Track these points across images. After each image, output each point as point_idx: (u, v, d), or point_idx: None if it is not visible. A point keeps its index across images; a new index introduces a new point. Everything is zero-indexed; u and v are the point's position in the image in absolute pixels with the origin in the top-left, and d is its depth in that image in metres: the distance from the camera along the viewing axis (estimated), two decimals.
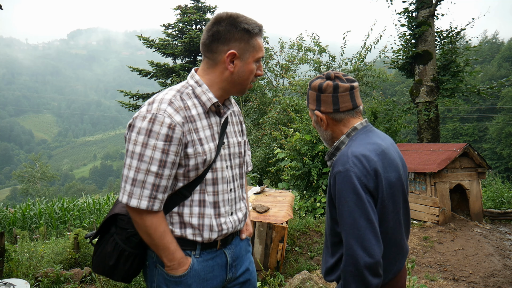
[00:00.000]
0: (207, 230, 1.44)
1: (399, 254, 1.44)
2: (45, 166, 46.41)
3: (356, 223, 1.28)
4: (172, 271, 1.40)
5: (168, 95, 1.39)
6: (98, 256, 1.46)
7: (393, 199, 1.37)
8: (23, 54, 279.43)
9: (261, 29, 1.44)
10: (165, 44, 19.54)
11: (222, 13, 1.41)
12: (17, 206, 11.33)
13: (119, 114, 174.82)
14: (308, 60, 11.22)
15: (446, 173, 5.03)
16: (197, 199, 1.43)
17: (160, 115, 1.31)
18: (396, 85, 36.98)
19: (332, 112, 1.45)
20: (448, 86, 8.61)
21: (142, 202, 1.31)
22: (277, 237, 3.81)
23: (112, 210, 1.49)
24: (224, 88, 1.46)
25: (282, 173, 7.70)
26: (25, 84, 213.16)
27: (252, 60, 1.43)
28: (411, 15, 9.10)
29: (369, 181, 1.31)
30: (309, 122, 7.25)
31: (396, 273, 1.45)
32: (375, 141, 1.42)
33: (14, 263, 4.06)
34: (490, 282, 3.52)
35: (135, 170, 1.30)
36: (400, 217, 1.42)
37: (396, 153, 1.48)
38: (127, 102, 18.98)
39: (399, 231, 1.42)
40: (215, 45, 1.40)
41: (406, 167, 1.56)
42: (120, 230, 1.44)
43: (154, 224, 1.35)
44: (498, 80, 9.56)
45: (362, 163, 1.32)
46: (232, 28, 1.38)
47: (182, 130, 1.33)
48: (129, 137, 1.33)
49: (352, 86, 1.45)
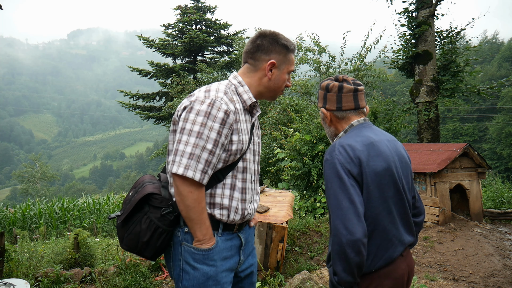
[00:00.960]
0: (233, 211, 1.61)
1: (390, 242, 1.49)
2: (45, 166, 46.41)
3: (339, 204, 1.40)
4: (202, 245, 1.54)
5: (221, 86, 1.60)
6: (130, 233, 1.57)
7: (379, 187, 1.46)
8: (23, 54, 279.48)
9: (295, 47, 1.71)
10: (165, 44, 19.53)
11: (266, 30, 1.69)
12: (17, 206, 11.33)
13: (119, 114, 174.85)
14: (308, 60, 11.20)
15: (446, 173, 5.03)
16: (229, 183, 1.60)
17: (218, 101, 1.51)
18: (396, 85, 36.98)
19: (336, 110, 1.61)
20: (448, 86, 8.61)
21: (196, 174, 1.47)
22: (277, 237, 3.81)
23: (143, 191, 1.60)
24: (259, 91, 1.69)
25: (282, 173, 7.70)
26: (25, 84, 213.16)
27: (286, 71, 1.68)
28: (411, 15, 9.10)
29: (352, 168, 1.44)
30: (309, 122, 7.26)
31: (389, 260, 1.48)
32: (366, 134, 1.54)
33: (14, 263, 4.07)
34: (490, 282, 3.52)
35: (193, 145, 1.47)
36: (391, 206, 1.49)
37: (392, 148, 1.57)
38: (127, 102, 18.98)
39: (388, 219, 1.49)
40: (258, 54, 1.65)
41: (408, 164, 1.63)
42: (153, 209, 1.56)
43: (199, 198, 1.50)
44: (498, 80, 9.56)
45: (346, 151, 1.46)
46: (274, 42, 1.65)
47: (234, 118, 1.54)
48: (186, 117, 1.50)
49: (357, 88, 1.60)
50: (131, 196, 1.66)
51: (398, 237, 1.52)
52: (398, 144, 1.65)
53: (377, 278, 1.48)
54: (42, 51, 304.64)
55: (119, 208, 10.75)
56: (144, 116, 19.16)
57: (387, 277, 1.49)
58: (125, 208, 1.62)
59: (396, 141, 1.65)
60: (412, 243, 1.63)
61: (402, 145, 1.70)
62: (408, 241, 1.57)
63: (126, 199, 1.69)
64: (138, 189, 1.65)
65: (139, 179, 1.74)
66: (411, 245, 1.63)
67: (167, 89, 18.87)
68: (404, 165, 1.60)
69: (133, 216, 1.59)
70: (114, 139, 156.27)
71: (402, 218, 1.55)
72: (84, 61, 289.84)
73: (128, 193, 1.72)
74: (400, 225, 1.54)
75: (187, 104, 1.53)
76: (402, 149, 1.66)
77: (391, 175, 1.50)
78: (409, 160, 1.67)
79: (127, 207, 1.61)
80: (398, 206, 1.53)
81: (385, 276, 1.48)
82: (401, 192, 1.53)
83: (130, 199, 1.65)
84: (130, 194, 1.68)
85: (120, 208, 1.72)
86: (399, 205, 1.53)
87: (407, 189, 1.58)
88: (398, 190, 1.52)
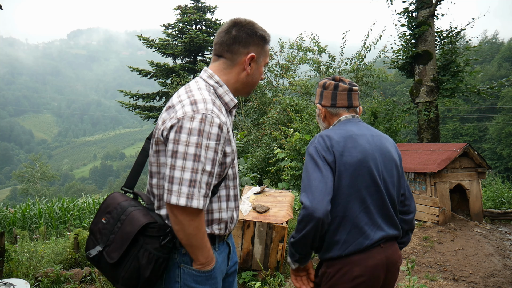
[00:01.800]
0: (230, 222, 1.54)
1: (361, 230, 1.55)
2: (45, 166, 46.33)
3: (310, 182, 1.51)
4: (205, 267, 1.45)
5: (205, 94, 1.42)
6: (128, 271, 1.37)
7: (352, 176, 1.54)
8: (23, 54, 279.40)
9: (270, 38, 1.60)
10: (165, 44, 19.53)
11: (241, 19, 1.53)
12: (17, 206, 11.31)
13: (119, 114, 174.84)
14: (307, 60, 11.21)
15: (446, 173, 5.02)
16: (224, 194, 1.51)
17: (210, 116, 1.34)
18: (396, 85, 36.97)
19: (330, 106, 1.73)
20: (448, 86, 8.60)
21: (200, 202, 1.33)
22: (277, 237, 3.81)
23: (135, 221, 1.38)
24: (236, 88, 1.56)
25: (282, 173, 7.70)
26: (25, 84, 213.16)
27: (263, 63, 1.59)
28: (411, 15, 9.10)
29: (327, 155, 1.55)
30: (309, 122, 7.26)
31: (359, 247, 1.54)
32: (348, 128, 1.64)
33: (14, 263, 4.06)
34: (490, 282, 3.52)
35: (191, 171, 1.31)
36: (364, 196, 1.56)
37: (374, 142, 1.64)
38: (127, 102, 18.98)
39: (360, 207, 1.55)
40: (236, 47, 1.49)
41: (393, 159, 1.68)
42: (149, 239, 1.37)
43: (201, 224, 1.38)
44: (498, 80, 9.56)
45: (324, 141, 1.58)
46: (252, 33, 1.51)
47: (226, 129, 1.40)
48: (176, 138, 1.32)
49: (351, 88, 1.72)
50: (113, 226, 1.40)
51: (372, 226, 1.56)
52: (387, 141, 1.71)
53: (347, 263, 1.54)
54: (42, 51, 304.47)
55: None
56: (144, 116, 19.16)
57: (357, 264, 1.53)
58: (113, 243, 1.39)
59: (383, 137, 1.71)
60: (396, 236, 1.65)
61: (393, 143, 1.75)
62: (387, 233, 1.59)
63: (102, 227, 1.43)
64: (120, 216, 1.41)
65: (111, 200, 1.48)
66: (395, 238, 1.65)
67: (167, 89, 18.88)
68: (387, 160, 1.65)
69: (127, 253, 1.37)
70: (114, 139, 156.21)
71: (379, 209, 1.59)
72: (84, 61, 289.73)
73: (98, 218, 1.46)
74: (377, 216, 1.58)
75: (175, 123, 1.33)
76: (391, 145, 1.71)
77: (367, 167, 1.56)
78: (398, 157, 1.72)
79: (119, 243, 1.37)
80: (374, 198, 1.58)
81: (355, 263, 1.53)
82: (378, 184, 1.58)
83: (111, 229, 1.40)
84: (106, 221, 1.43)
85: (90, 236, 1.51)
86: (376, 197, 1.58)
87: (389, 183, 1.63)
88: (374, 181, 1.58)
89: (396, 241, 1.69)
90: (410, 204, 1.74)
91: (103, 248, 1.41)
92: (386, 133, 8.03)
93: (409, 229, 1.75)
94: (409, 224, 1.73)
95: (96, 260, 1.43)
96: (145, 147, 1.56)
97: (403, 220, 1.72)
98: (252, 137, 11.07)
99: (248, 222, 3.86)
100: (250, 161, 8.91)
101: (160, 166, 1.44)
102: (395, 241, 1.67)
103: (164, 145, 1.40)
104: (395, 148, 1.74)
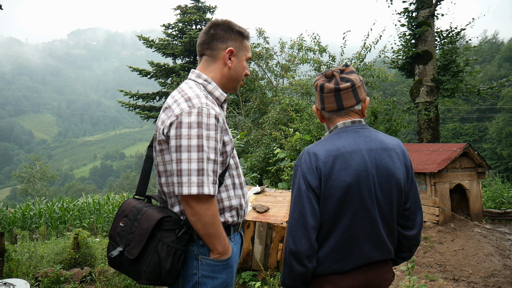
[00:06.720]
0: (241, 209, 1.61)
1: (341, 256, 1.46)
2: (45, 166, 46.36)
3: (292, 213, 1.44)
4: (223, 256, 1.51)
5: (198, 91, 1.51)
6: (149, 265, 1.43)
7: (337, 203, 1.41)
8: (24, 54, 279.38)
9: (248, 34, 1.68)
10: (165, 44, 19.52)
11: (218, 19, 1.64)
12: (17, 206, 11.31)
13: (119, 114, 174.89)
14: (308, 60, 11.21)
15: (446, 173, 5.02)
16: (230, 183, 1.58)
17: (205, 108, 1.43)
18: (396, 85, 36.96)
19: (321, 109, 1.58)
20: (448, 86, 8.61)
21: (211, 188, 1.40)
22: (277, 237, 3.81)
23: (151, 217, 1.45)
24: (223, 84, 1.64)
25: (282, 173, 7.70)
26: (25, 84, 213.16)
27: (245, 58, 1.65)
28: (411, 15, 9.10)
29: (312, 179, 1.42)
30: (309, 122, 7.26)
31: (338, 271, 1.46)
32: (339, 144, 1.45)
33: (14, 263, 4.06)
34: (490, 282, 3.52)
35: (197, 161, 1.39)
36: (350, 224, 1.43)
37: (372, 159, 1.44)
38: (127, 102, 18.97)
39: (345, 233, 1.44)
40: (214, 43, 1.60)
41: (394, 176, 1.47)
42: (166, 233, 1.45)
43: (215, 212, 1.44)
44: (498, 80, 9.56)
45: (310, 160, 1.44)
46: (228, 30, 1.61)
47: (222, 119, 1.48)
48: (178, 134, 1.40)
49: (338, 88, 1.47)
50: (131, 227, 1.48)
51: (356, 253, 1.46)
52: (389, 154, 1.48)
53: (321, 281, 1.49)
54: (42, 51, 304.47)
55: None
56: (144, 116, 19.15)
57: (332, 283, 1.47)
58: (132, 241, 1.46)
59: (385, 150, 1.48)
60: (384, 259, 1.54)
61: (399, 152, 1.51)
62: (373, 258, 1.49)
63: (121, 230, 1.51)
64: (136, 216, 1.49)
65: (126, 205, 1.57)
66: (383, 261, 1.55)
67: (167, 89, 18.87)
68: (385, 178, 1.45)
69: (146, 247, 1.45)
70: (114, 139, 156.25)
71: (367, 236, 1.46)
72: (84, 61, 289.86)
73: (116, 223, 1.54)
74: (364, 242, 1.46)
75: (174, 120, 1.41)
76: (395, 157, 1.49)
77: (356, 192, 1.41)
78: (402, 171, 1.50)
79: (138, 239, 1.45)
80: (362, 224, 1.44)
81: (330, 281, 1.47)
82: (368, 209, 1.43)
83: (130, 230, 1.48)
84: (124, 224, 1.51)
85: (110, 242, 1.58)
86: (364, 223, 1.44)
87: (385, 204, 1.46)
88: (364, 207, 1.43)
89: (390, 260, 1.59)
90: (415, 219, 1.57)
91: (124, 248, 1.47)
92: (386, 133, 8.01)
93: (412, 245, 1.61)
94: (411, 240, 1.59)
95: (117, 261, 1.49)
96: (148, 155, 1.64)
97: (404, 236, 1.57)
98: (252, 137, 11.06)
99: (248, 222, 3.86)
100: (250, 161, 8.91)
101: (166, 164, 1.51)
102: (383, 263, 1.55)
103: (167, 143, 1.46)
104: (401, 158, 1.51)
